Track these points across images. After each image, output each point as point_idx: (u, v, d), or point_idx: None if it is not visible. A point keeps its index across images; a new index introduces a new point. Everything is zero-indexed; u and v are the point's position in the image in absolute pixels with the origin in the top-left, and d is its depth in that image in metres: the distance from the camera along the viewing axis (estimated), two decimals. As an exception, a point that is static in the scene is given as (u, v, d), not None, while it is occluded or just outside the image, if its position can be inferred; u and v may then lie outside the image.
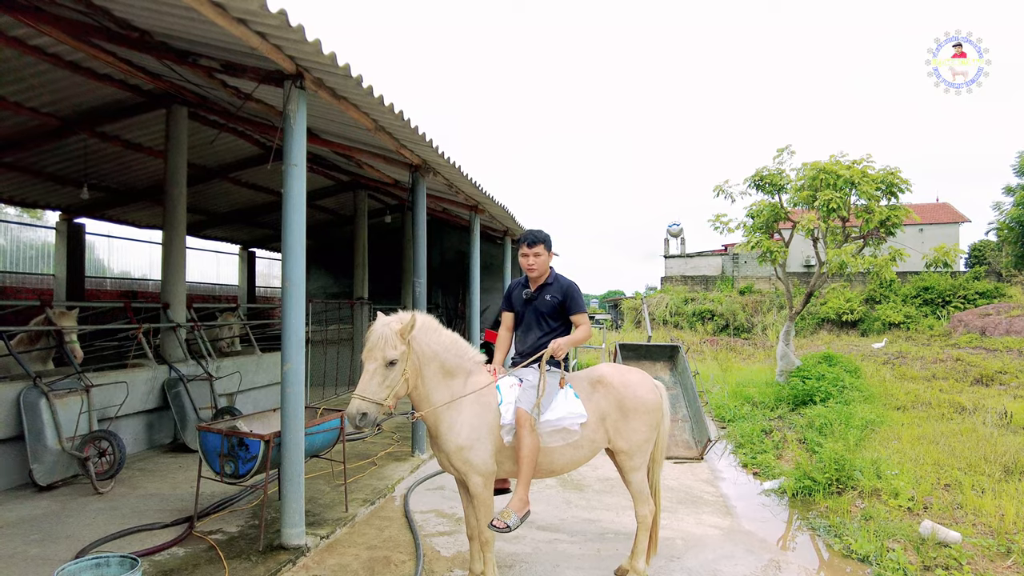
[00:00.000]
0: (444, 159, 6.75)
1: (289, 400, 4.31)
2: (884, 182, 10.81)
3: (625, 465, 3.87)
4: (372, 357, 3.26)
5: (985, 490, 5.62)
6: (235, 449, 4.31)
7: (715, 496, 6.11)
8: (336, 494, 5.51)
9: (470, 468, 3.52)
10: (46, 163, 9.22)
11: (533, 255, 3.86)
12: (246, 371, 8.14)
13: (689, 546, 4.73)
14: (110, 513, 5.02)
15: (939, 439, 7.62)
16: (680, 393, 8.46)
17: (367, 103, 5.04)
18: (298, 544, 4.32)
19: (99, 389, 5.97)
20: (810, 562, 4.59)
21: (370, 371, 3.24)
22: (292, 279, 4.34)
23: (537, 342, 3.80)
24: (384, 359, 3.25)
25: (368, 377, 3.23)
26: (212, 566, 4.04)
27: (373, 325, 3.36)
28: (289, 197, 4.37)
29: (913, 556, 4.47)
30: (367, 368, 3.26)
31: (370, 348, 3.29)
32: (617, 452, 3.86)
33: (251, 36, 3.86)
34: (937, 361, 17.04)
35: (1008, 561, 4.38)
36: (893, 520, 5.13)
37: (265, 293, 18.56)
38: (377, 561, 4.26)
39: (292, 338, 4.31)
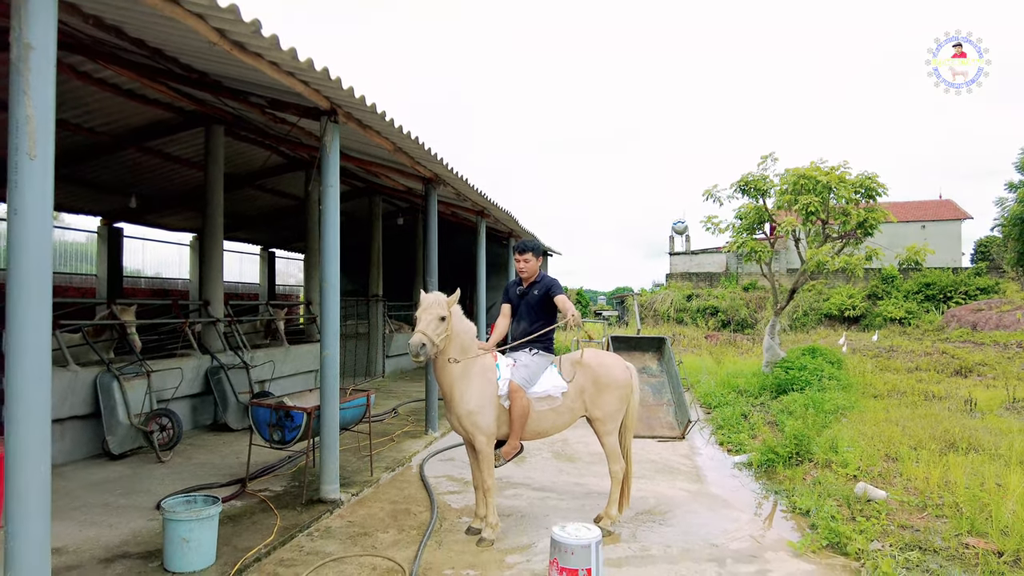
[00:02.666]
0: (453, 173, 7.67)
1: (327, 380, 5.24)
2: (862, 186, 11.62)
3: (600, 430, 4.79)
4: (429, 312, 4.25)
5: (921, 461, 6.48)
6: (283, 420, 5.26)
7: (690, 467, 7.01)
8: (362, 463, 6.45)
9: (476, 429, 4.46)
10: (94, 175, 10.21)
11: (524, 261, 4.87)
12: (276, 361, 9.10)
13: (660, 503, 5.64)
14: (173, 477, 5.98)
15: (900, 422, 8.46)
16: (666, 380, 9.35)
17: (388, 130, 5.96)
18: (334, 498, 5.27)
19: (157, 374, 6.95)
20: (761, 513, 5.48)
21: (427, 320, 4.22)
22: (329, 280, 5.28)
23: (528, 329, 4.72)
24: (438, 315, 4.24)
25: (426, 323, 4.21)
26: (265, 514, 4.99)
27: (426, 295, 4.39)
28: (326, 211, 5.30)
29: (845, 510, 5.35)
30: (424, 319, 4.23)
31: (427, 307, 4.28)
32: (593, 419, 4.78)
33: (297, 84, 4.78)
34: (924, 354, 17.83)
35: (923, 514, 5.26)
36: (837, 484, 6.01)
37: (283, 291, 19.56)
38: (399, 512, 5.20)
39: (330, 330, 5.24)
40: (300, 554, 4.32)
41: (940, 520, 5.09)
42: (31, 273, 2.74)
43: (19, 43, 2.63)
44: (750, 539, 4.84)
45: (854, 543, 4.56)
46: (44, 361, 2.79)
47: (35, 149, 2.67)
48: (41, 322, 2.78)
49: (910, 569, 4.22)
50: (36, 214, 2.73)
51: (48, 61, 2.70)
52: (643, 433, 8.28)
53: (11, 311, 2.72)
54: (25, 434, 2.73)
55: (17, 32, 2.63)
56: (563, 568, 3.62)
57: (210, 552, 4.00)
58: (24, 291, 2.73)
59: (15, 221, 2.71)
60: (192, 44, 4.63)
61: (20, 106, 2.64)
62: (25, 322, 2.73)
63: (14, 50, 2.64)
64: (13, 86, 2.65)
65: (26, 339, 2.73)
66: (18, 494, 2.69)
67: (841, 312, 33.36)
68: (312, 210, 11.28)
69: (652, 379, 9.42)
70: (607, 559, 4.23)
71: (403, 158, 6.96)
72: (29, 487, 2.72)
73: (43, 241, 2.77)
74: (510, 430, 4.52)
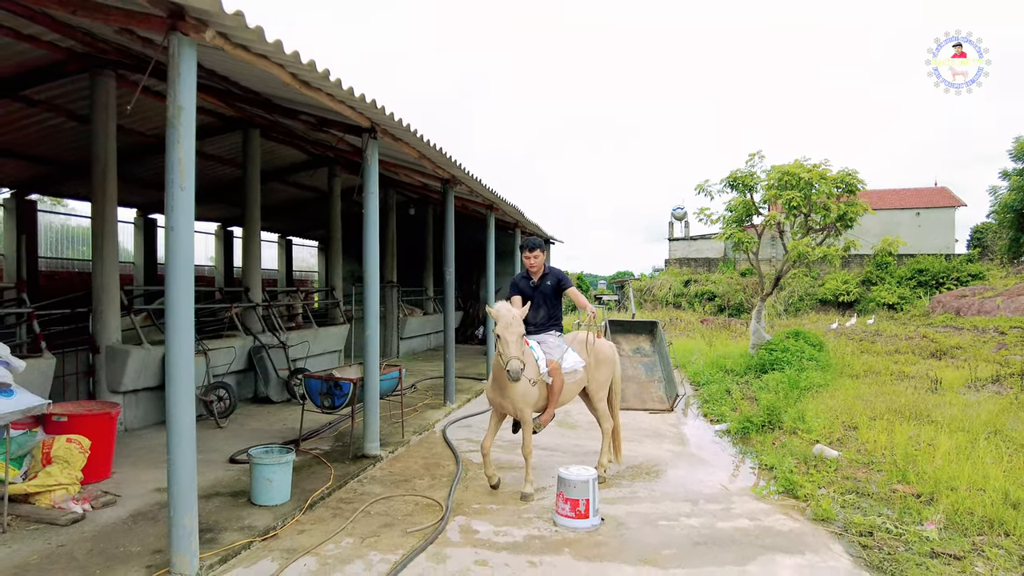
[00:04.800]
0: (467, 174, 8.64)
1: (369, 355, 6.27)
2: (842, 181, 12.57)
3: (595, 397, 5.80)
4: (512, 332, 4.78)
5: (874, 428, 7.51)
6: (332, 389, 6.29)
7: (676, 434, 8.06)
8: (393, 428, 7.49)
9: (527, 405, 5.21)
10: (136, 172, 11.16)
11: (533, 257, 5.69)
12: (308, 342, 10.13)
13: (648, 461, 6.69)
14: (233, 439, 7.01)
15: (866, 397, 9.49)
16: (657, 359, 10.38)
17: (415, 142, 6.93)
18: (375, 454, 6.31)
19: (212, 352, 7.97)
20: (731, 470, 6.53)
21: (514, 341, 4.77)
22: (370, 272, 6.28)
23: (547, 314, 5.64)
24: (519, 333, 4.84)
25: (515, 346, 4.77)
26: (320, 467, 6.02)
27: (500, 309, 4.91)
28: (368, 213, 6.29)
29: (802, 466, 6.39)
30: (510, 340, 4.76)
31: (507, 324, 4.79)
32: (590, 389, 5.78)
33: (345, 108, 5.73)
34: (907, 338, 18.83)
35: (867, 469, 6.29)
36: (800, 447, 7.05)
37: (298, 276, 20.57)
38: (430, 465, 6.25)
39: (371, 313, 6.26)
40: (354, 494, 5.36)
41: (879, 473, 6.13)
42: (181, 270, 3.70)
43: (174, 104, 3.60)
44: (721, 487, 5.89)
45: (804, 489, 5.60)
46: (188, 329, 3.77)
47: (185, 182, 3.65)
48: (188, 303, 3.75)
49: (844, 507, 5.26)
50: (185, 229, 3.69)
51: (191, 118, 3.68)
52: (636, 406, 9.33)
53: (169, 298, 3.69)
54: (180, 387, 3.73)
55: (172, 97, 3.60)
56: (567, 499, 4.67)
57: (286, 491, 5.04)
58: (176, 283, 3.70)
59: (171, 234, 3.68)
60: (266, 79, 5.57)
61: (174, 151, 3.61)
62: (178, 304, 3.70)
63: (170, 110, 3.61)
64: (169, 137, 3.62)
65: (179, 316, 3.71)
66: (177, 431, 3.70)
67: (836, 297, 34.29)
68: (334, 203, 12.24)
69: (645, 359, 10.44)
70: (603, 499, 5.27)
71: (426, 163, 7.93)
72: (183, 426, 3.72)
73: (189, 248, 3.74)
74: (547, 402, 5.39)
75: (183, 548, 3.67)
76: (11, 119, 8.23)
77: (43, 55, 6.68)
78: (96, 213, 7.07)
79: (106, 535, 4.26)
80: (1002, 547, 4.39)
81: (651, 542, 4.46)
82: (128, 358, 6.94)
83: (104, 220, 7.05)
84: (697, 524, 4.84)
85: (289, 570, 3.87)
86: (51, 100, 7.92)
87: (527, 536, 4.51)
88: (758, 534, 4.69)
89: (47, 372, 6.06)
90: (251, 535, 4.31)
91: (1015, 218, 32.35)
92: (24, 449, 4.76)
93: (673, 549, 4.35)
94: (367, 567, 3.93)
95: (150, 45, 5.61)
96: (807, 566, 4.15)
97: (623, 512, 5.05)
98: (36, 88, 7.37)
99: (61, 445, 4.80)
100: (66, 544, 4.09)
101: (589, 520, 4.62)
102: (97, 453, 5.16)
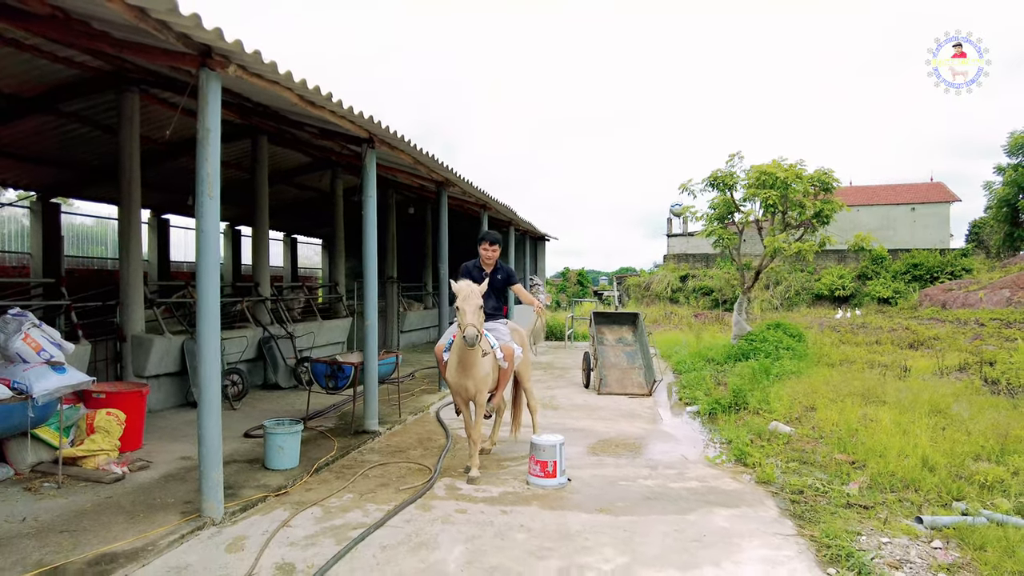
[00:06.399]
0: (459, 177, 9.38)
1: (369, 342, 7.02)
2: (819, 180, 13.28)
3: (524, 378, 6.49)
4: (470, 303, 5.13)
5: (830, 409, 8.23)
6: (336, 372, 7.04)
7: (650, 415, 8.79)
8: (392, 409, 8.24)
9: (485, 387, 5.65)
10: (151, 175, 11.89)
11: (492, 251, 6.11)
12: (314, 333, 10.89)
13: (620, 436, 7.43)
14: (246, 419, 7.76)
15: (835, 382, 10.20)
16: (638, 348, 11.11)
17: (410, 150, 7.66)
18: (375, 430, 7.07)
19: (226, 341, 8.73)
20: (696, 443, 7.26)
21: (472, 311, 5.11)
22: (368, 268, 7.03)
23: (495, 305, 6.14)
24: (478, 304, 5.20)
25: (473, 314, 5.13)
26: (325, 440, 6.78)
27: (460, 284, 5.27)
28: (367, 215, 7.03)
29: (757, 440, 7.12)
30: (469, 310, 5.10)
31: (466, 297, 5.15)
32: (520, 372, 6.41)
33: (345, 122, 6.47)
34: (890, 330, 19.52)
35: (816, 442, 7.02)
36: (760, 424, 7.77)
37: (303, 272, 21.33)
38: (423, 439, 7.00)
39: (370, 305, 7.01)
40: (355, 462, 6.12)
41: (825, 446, 6.85)
42: (210, 266, 4.45)
43: (203, 127, 4.35)
44: (680, 457, 6.63)
45: (753, 458, 6.34)
46: (216, 318, 4.50)
47: (212, 191, 4.39)
48: (215, 292, 4.47)
49: (786, 472, 5.99)
50: (212, 232, 4.44)
51: (216, 137, 4.42)
52: (617, 391, 10.07)
53: (200, 292, 4.42)
54: (209, 363, 4.46)
55: (202, 120, 4.35)
56: (538, 460, 5.42)
57: (295, 457, 5.80)
58: (205, 276, 4.44)
59: (200, 237, 4.42)
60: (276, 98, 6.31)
61: (203, 166, 4.36)
62: (207, 291, 4.43)
63: (200, 132, 4.35)
64: (199, 154, 4.36)
65: (208, 301, 4.44)
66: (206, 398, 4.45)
67: (831, 292, 34.92)
68: (337, 203, 13.00)
69: (627, 348, 11.18)
70: (573, 465, 6.01)
71: (421, 168, 8.68)
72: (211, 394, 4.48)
73: (216, 247, 4.49)
74: (497, 385, 5.97)
75: (211, 496, 4.43)
76: (43, 129, 9.00)
77: (74, 74, 7.44)
78: (123, 216, 7.84)
79: (144, 490, 5.02)
80: (908, 500, 5.13)
81: (609, 497, 5.20)
82: (152, 346, 7.70)
83: (130, 222, 7.82)
84: (652, 484, 5.59)
85: (299, 517, 4.62)
86: (79, 112, 8.68)
87: (502, 492, 5.26)
88: (704, 492, 5.43)
89: (84, 357, 6.83)
90: (266, 491, 5.07)
91: (1009, 212, 32.88)
92: (71, 421, 5.52)
93: (627, 502, 5.09)
94: (365, 514, 4.69)
95: (177, 69, 6.34)
96: (739, 516, 4.88)
97: (589, 475, 5.79)
98: (67, 102, 8.12)
99: (102, 417, 5.57)
100: (112, 496, 4.85)
101: (556, 479, 5.37)
102: (131, 426, 5.93)
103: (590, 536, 4.33)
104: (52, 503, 4.68)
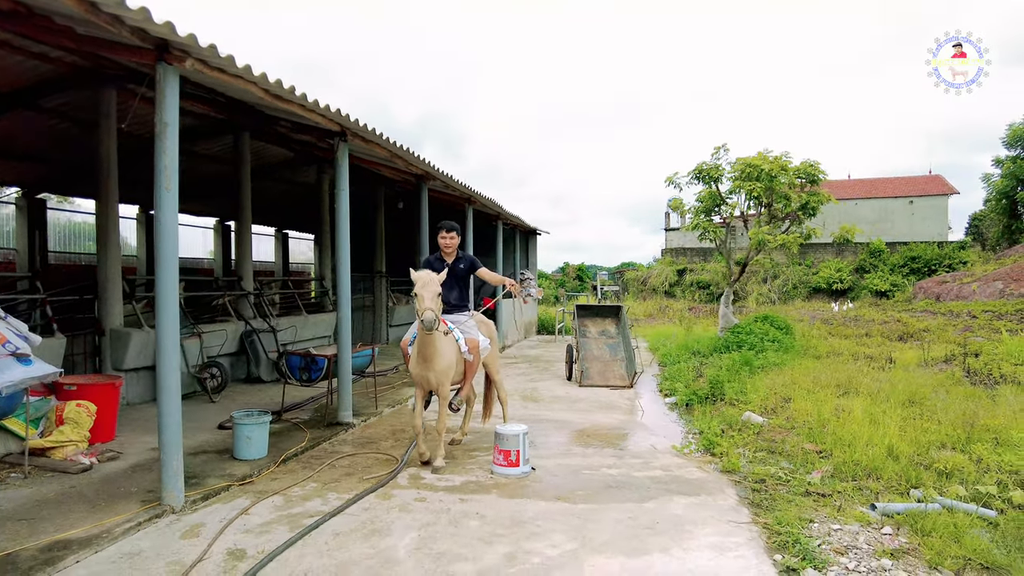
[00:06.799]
0: (438, 171, 9.42)
1: (343, 334, 7.07)
2: (805, 172, 13.28)
3: (492, 369, 6.50)
4: (429, 289, 5.13)
5: (808, 400, 8.27)
6: (310, 364, 7.10)
7: (628, 405, 8.84)
8: (370, 402, 8.30)
9: (447, 379, 5.59)
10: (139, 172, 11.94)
11: (450, 238, 5.97)
12: (297, 327, 10.95)
13: (594, 427, 7.48)
14: (224, 412, 7.80)
15: (816, 374, 10.23)
16: (620, 341, 11.15)
17: (384, 143, 7.70)
18: (348, 422, 7.13)
19: (206, 335, 8.80)
20: (669, 433, 7.30)
21: (429, 296, 5.10)
22: (342, 261, 7.08)
23: (460, 295, 6.13)
24: (435, 291, 5.18)
25: (430, 299, 5.11)
26: (298, 432, 6.84)
27: (419, 273, 5.28)
28: (339, 210, 7.08)
29: (729, 430, 7.16)
30: (427, 296, 5.09)
31: (425, 284, 5.15)
32: (488, 363, 6.42)
33: (316, 116, 6.51)
34: (882, 323, 19.54)
35: (788, 432, 7.06)
36: (734, 415, 7.81)
37: (295, 267, 21.41)
38: (397, 431, 7.06)
39: (343, 299, 7.06)
40: (324, 452, 6.18)
41: (796, 436, 6.90)
42: (168, 257, 4.50)
43: (160, 122, 4.39)
44: (650, 447, 6.68)
45: (720, 447, 6.39)
46: (175, 311, 4.57)
47: (170, 184, 4.44)
48: (173, 290, 4.54)
49: (752, 461, 6.03)
50: (170, 224, 4.49)
51: (174, 131, 4.46)
52: (599, 383, 10.12)
53: (159, 285, 4.48)
54: (167, 353, 4.52)
55: (159, 115, 4.39)
56: (501, 450, 5.48)
57: (263, 448, 5.85)
58: (164, 268, 4.49)
59: (159, 228, 4.47)
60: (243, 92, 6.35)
61: (161, 159, 4.40)
62: (166, 283, 4.49)
63: (157, 126, 4.40)
64: (156, 147, 4.41)
65: (166, 293, 4.50)
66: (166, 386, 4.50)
67: (829, 285, 34.93)
68: (324, 198, 13.04)
69: (610, 340, 11.23)
70: (540, 455, 6.06)
71: (399, 161, 8.71)
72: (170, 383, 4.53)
73: (174, 239, 4.52)
74: (464, 379, 5.98)
75: (171, 485, 4.49)
76: (25, 125, 9.04)
77: (51, 70, 7.47)
78: (100, 210, 7.89)
79: (110, 480, 5.08)
80: (868, 488, 5.17)
81: (570, 486, 5.25)
82: (130, 340, 7.77)
83: (107, 217, 7.87)
84: (615, 473, 5.64)
85: (259, 505, 4.68)
86: (58, 108, 8.72)
87: (464, 481, 5.31)
88: (667, 481, 5.48)
89: (58, 350, 6.89)
90: (230, 481, 5.13)
91: (1008, 205, 32.79)
92: (40, 412, 5.59)
93: (587, 491, 5.14)
94: (324, 503, 4.75)
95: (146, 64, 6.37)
96: (697, 504, 4.93)
97: (554, 464, 5.85)
98: (47, 97, 8.17)
99: (71, 409, 5.63)
100: (77, 486, 4.92)
101: (519, 468, 5.43)
102: (102, 417, 5.99)
103: (543, 523, 4.38)
104: (16, 493, 4.75)
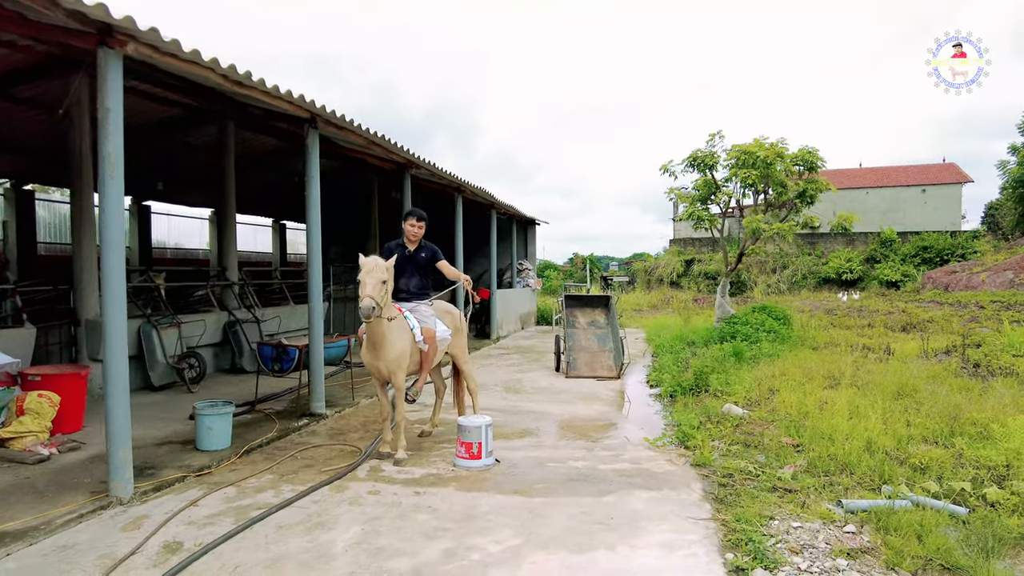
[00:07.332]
0: (419, 159, 9.30)
1: (314, 325, 6.99)
2: (803, 159, 13.01)
3: (460, 359, 6.35)
4: (373, 276, 4.95)
5: (794, 392, 8.09)
6: (281, 355, 7.02)
7: (611, 397, 8.70)
8: (347, 392, 8.23)
9: (400, 369, 5.43)
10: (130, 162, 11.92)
11: (419, 227, 5.88)
12: (282, 318, 10.89)
13: (573, 417, 7.36)
14: (201, 402, 7.79)
15: (809, 365, 10.03)
16: (609, 331, 11.00)
17: (357, 130, 7.59)
18: (321, 413, 7.05)
19: (185, 325, 8.76)
20: (647, 425, 7.16)
21: (372, 284, 4.93)
22: (313, 250, 6.98)
23: (420, 283, 5.94)
24: (380, 279, 5.00)
25: (372, 287, 4.94)
26: (269, 423, 6.78)
27: (366, 259, 5.07)
28: (310, 195, 6.97)
29: (708, 422, 7.01)
30: (369, 283, 4.91)
31: (369, 271, 4.98)
32: (455, 354, 6.30)
33: (284, 103, 6.40)
34: (886, 313, 19.21)
35: (768, 425, 6.90)
36: (716, 407, 7.65)
37: (294, 259, 21.39)
38: (369, 422, 6.97)
39: (315, 289, 6.97)
40: (291, 444, 6.11)
41: (776, 429, 6.74)
42: (113, 243, 4.41)
43: (103, 107, 4.29)
44: (624, 438, 6.54)
45: (695, 440, 6.24)
46: (122, 298, 4.48)
47: (114, 171, 4.35)
48: (120, 276, 4.46)
49: (726, 455, 5.88)
50: (115, 211, 4.40)
51: (118, 117, 4.36)
52: (586, 374, 9.98)
53: (105, 271, 4.40)
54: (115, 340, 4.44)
55: (102, 99, 4.29)
56: (463, 442, 5.37)
57: (226, 439, 5.79)
58: (109, 259, 4.41)
59: (103, 215, 4.38)
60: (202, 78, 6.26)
61: (105, 145, 4.31)
62: (112, 271, 4.41)
63: (100, 112, 4.30)
64: (100, 133, 4.32)
65: (113, 281, 4.41)
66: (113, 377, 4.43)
67: (839, 275, 34.45)
68: (312, 188, 12.94)
69: (599, 331, 11.08)
70: (510, 446, 5.96)
71: (378, 149, 8.60)
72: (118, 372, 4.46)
73: (119, 228, 4.45)
74: (420, 368, 5.81)
75: (119, 476, 4.43)
76: (1, 116, 9.00)
77: (22, 58, 7.41)
78: (74, 201, 7.84)
79: (65, 471, 5.04)
80: (840, 483, 5.02)
81: (531, 479, 5.14)
82: (106, 330, 7.72)
83: (81, 207, 7.81)
84: (581, 466, 5.51)
85: (211, 496, 4.61)
86: (33, 97, 8.66)
87: (424, 474, 5.22)
88: (632, 474, 5.35)
89: (28, 340, 6.87)
90: (187, 471, 5.07)
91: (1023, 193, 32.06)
92: (2, 403, 5.55)
93: (548, 484, 5.02)
94: (277, 495, 4.67)
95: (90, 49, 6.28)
96: (659, 498, 4.79)
97: (520, 456, 5.73)
98: (19, 87, 8.11)
99: (32, 399, 5.58)
100: (30, 477, 4.87)
101: (482, 460, 5.32)
102: (68, 407, 5.95)
103: (493, 518, 4.27)
104: (-34, 484, 4.71)
